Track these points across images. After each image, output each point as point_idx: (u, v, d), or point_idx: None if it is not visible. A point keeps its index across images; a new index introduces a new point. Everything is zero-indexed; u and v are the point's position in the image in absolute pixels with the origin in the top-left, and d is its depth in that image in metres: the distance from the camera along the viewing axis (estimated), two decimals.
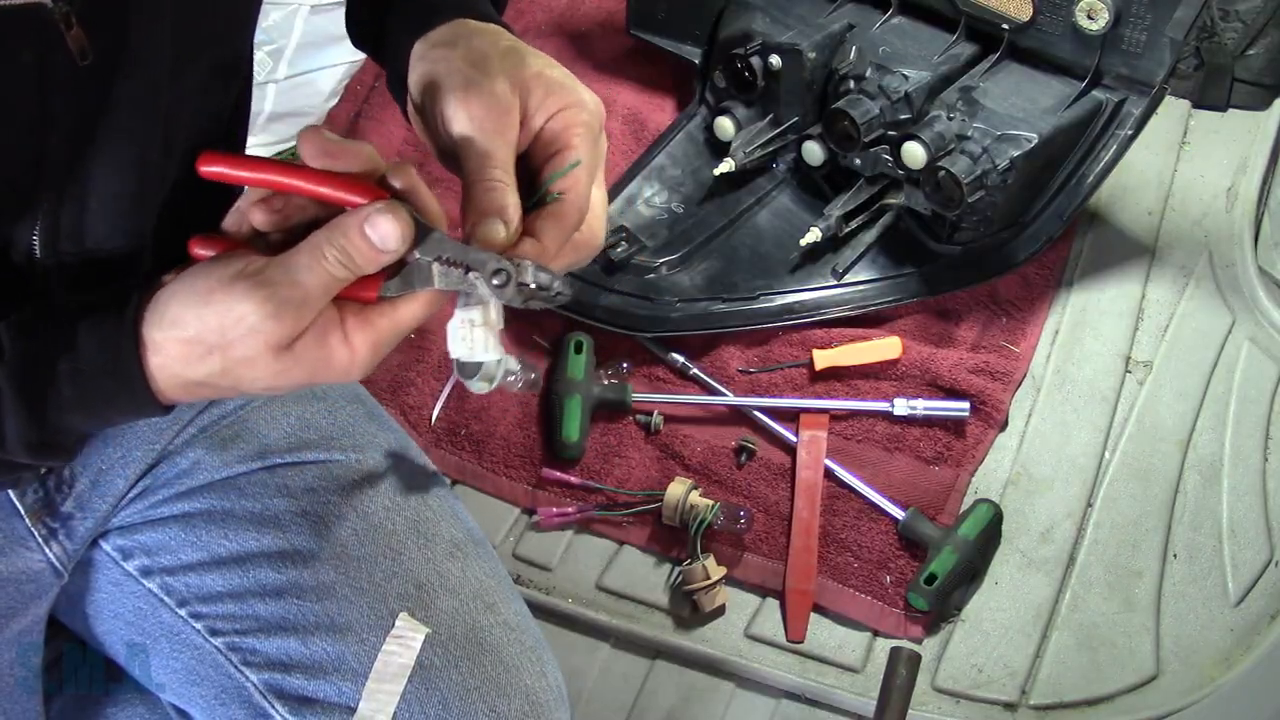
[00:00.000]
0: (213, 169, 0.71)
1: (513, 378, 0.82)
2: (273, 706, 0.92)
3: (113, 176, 0.76)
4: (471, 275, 0.70)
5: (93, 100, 0.72)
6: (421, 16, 0.82)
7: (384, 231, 0.67)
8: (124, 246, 0.80)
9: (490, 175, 0.73)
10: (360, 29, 0.94)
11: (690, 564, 1.39)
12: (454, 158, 0.76)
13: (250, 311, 0.67)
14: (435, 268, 0.70)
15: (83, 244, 0.77)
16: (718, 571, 1.39)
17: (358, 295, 0.71)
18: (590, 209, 0.78)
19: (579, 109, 0.77)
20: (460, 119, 0.74)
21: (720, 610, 1.40)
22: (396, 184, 0.71)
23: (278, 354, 0.68)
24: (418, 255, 0.70)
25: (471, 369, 0.79)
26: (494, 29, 0.81)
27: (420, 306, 0.71)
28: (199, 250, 0.73)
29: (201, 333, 0.68)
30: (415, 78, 0.79)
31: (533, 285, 0.70)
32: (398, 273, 0.71)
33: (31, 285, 0.77)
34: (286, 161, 0.72)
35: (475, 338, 0.74)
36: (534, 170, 0.77)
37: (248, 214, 0.73)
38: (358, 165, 0.70)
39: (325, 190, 0.70)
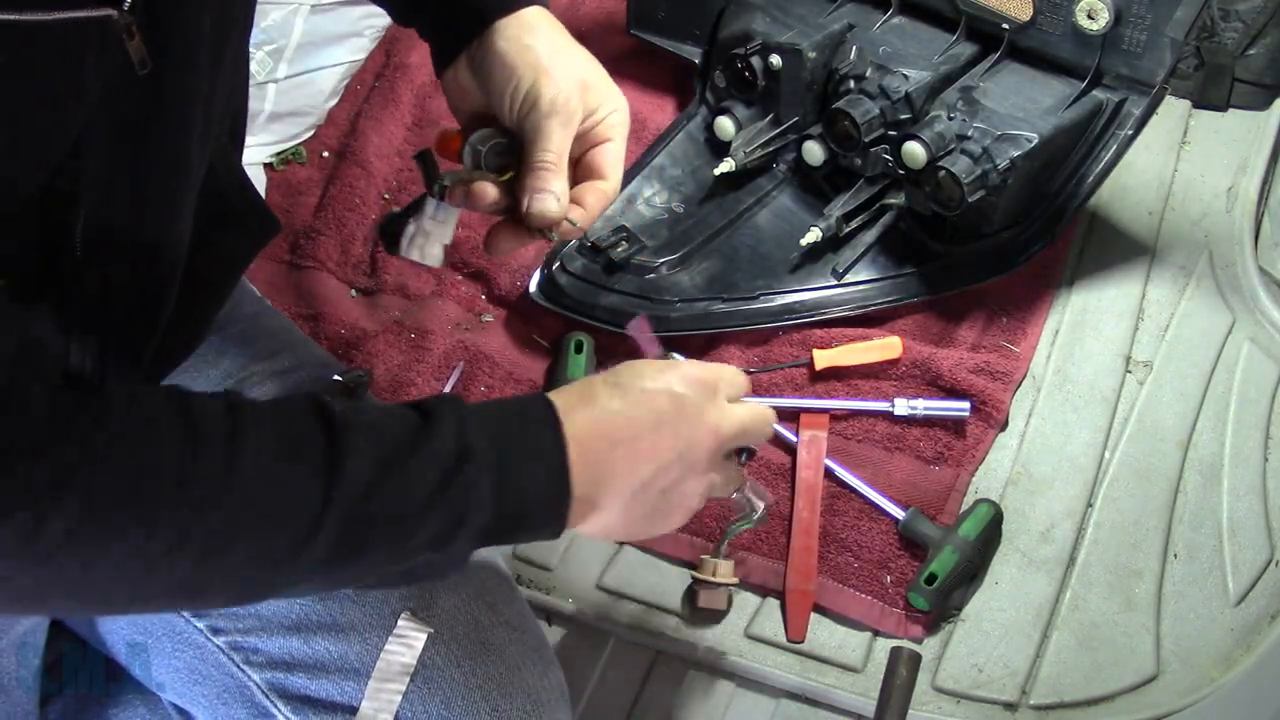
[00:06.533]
0: None
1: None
2: (275, 706, 0.92)
3: (159, 175, 0.77)
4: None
5: (148, 104, 0.72)
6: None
7: None
8: (161, 237, 0.81)
9: (548, 160, 0.89)
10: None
11: (710, 559, 1.39)
12: (499, 125, 0.93)
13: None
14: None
15: (123, 237, 0.77)
16: (731, 575, 1.39)
17: None
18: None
19: (620, 110, 0.95)
20: (538, 108, 0.89)
21: (722, 612, 1.40)
22: None
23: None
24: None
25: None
26: (557, 24, 0.94)
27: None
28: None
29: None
30: (497, 53, 0.91)
31: None
32: None
33: (67, 277, 0.77)
34: None
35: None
36: (579, 151, 0.94)
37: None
38: None
39: None
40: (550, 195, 0.88)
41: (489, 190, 0.90)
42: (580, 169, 0.94)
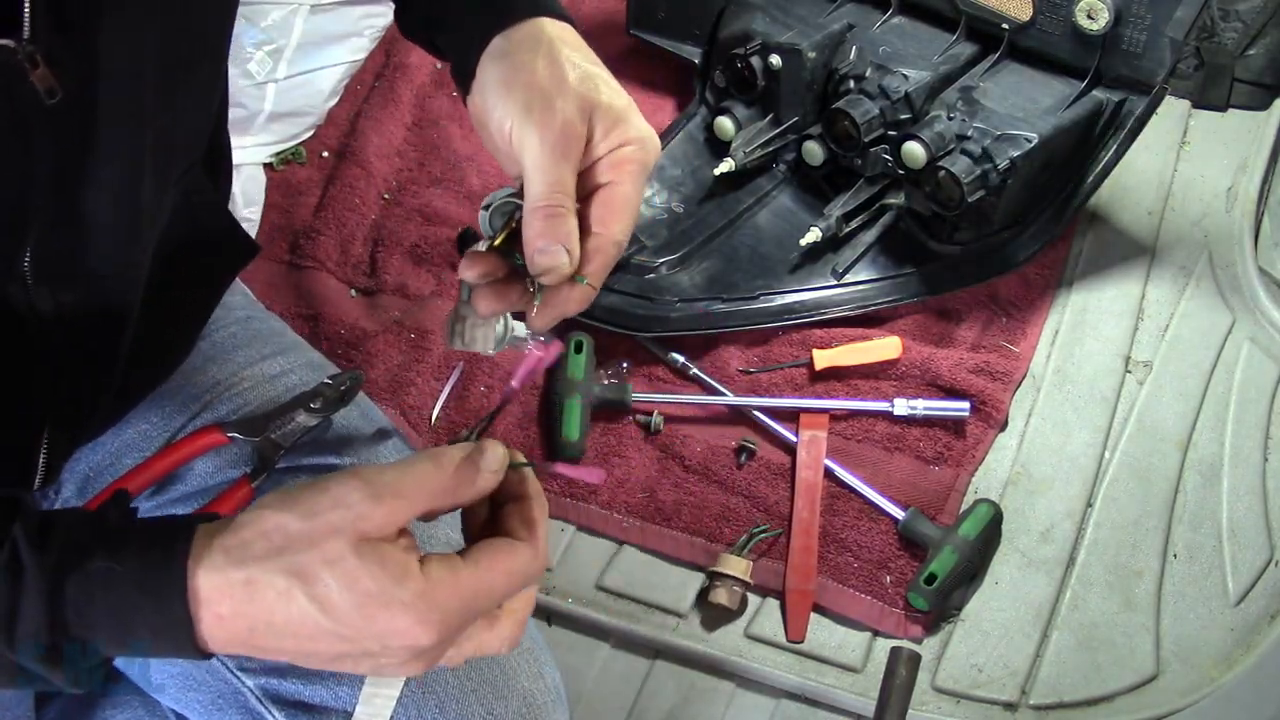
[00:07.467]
0: None
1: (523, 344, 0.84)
2: (269, 711, 0.92)
3: (105, 204, 0.76)
4: None
5: (73, 134, 0.71)
6: (495, 11, 0.79)
7: (488, 455, 0.69)
8: (121, 269, 0.80)
9: (555, 200, 0.72)
10: (412, 18, 0.91)
11: (732, 557, 1.40)
12: (514, 167, 0.76)
13: (351, 491, 0.64)
14: None
15: (77, 269, 0.77)
16: (747, 573, 1.39)
17: None
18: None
19: (638, 146, 0.76)
20: (530, 140, 0.73)
21: (724, 610, 1.40)
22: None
23: (359, 546, 0.64)
24: None
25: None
26: (570, 38, 0.80)
27: (502, 575, 0.68)
28: None
29: (289, 516, 0.64)
30: (491, 78, 0.77)
31: None
32: None
33: (24, 309, 0.77)
34: None
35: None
36: (582, 193, 0.76)
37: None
38: None
39: None
40: (552, 247, 0.71)
41: (474, 262, 0.75)
42: (580, 215, 0.75)
